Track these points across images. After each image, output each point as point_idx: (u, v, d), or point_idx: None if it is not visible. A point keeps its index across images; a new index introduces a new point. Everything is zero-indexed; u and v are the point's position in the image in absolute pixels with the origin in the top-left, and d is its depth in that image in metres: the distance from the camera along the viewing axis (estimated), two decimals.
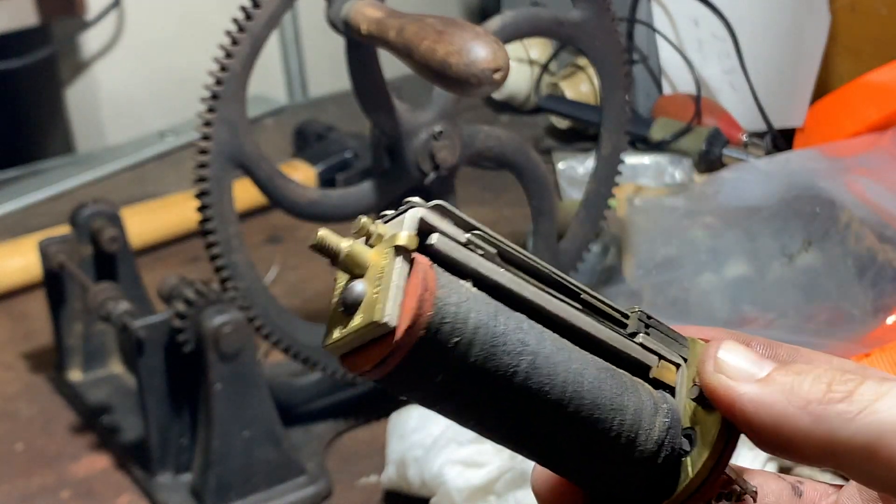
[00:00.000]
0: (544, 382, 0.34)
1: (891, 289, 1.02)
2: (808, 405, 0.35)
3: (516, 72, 1.69)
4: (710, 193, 1.18)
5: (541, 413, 0.35)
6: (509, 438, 0.36)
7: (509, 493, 0.82)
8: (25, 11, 1.66)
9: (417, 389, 0.34)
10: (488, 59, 0.77)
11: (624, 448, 0.36)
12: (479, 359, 0.33)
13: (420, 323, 0.32)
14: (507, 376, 0.34)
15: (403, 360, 0.33)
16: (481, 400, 0.34)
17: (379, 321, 0.32)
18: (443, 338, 0.33)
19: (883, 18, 1.44)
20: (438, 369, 0.33)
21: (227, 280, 0.91)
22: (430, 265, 0.33)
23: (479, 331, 0.33)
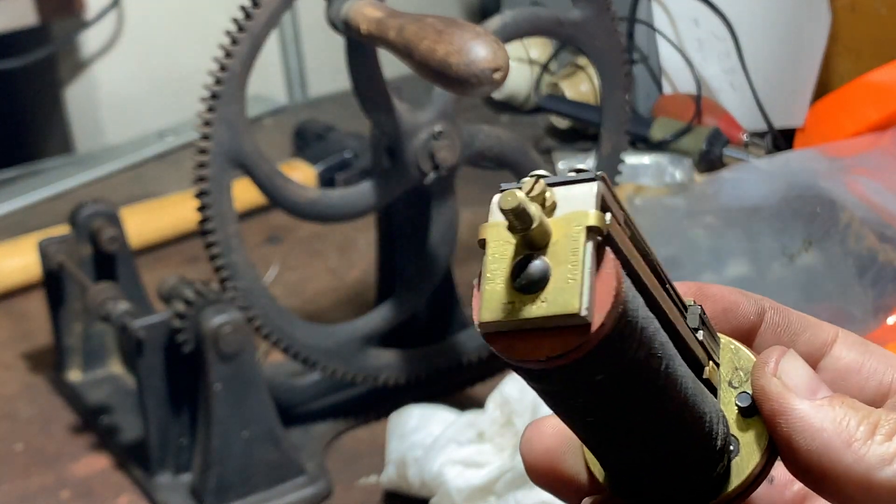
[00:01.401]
0: (667, 386, 0.32)
1: (891, 289, 1.02)
2: (855, 442, 0.34)
3: (516, 71, 1.69)
4: (710, 193, 1.18)
5: (656, 417, 0.33)
6: (611, 444, 0.34)
7: (509, 494, 0.82)
8: (25, 11, 1.65)
9: (569, 386, 0.31)
10: (488, 59, 0.77)
11: (698, 454, 0.35)
12: (640, 358, 0.31)
13: (610, 320, 0.29)
14: (652, 379, 0.32)
15: (582, 356, 0.30)
16: (618, 401, 0.32)
17: (579, 313, 0.29)
18: (624, 336, 0.30)
19: (883, 18, 1.44)
20: (605, 367, 0.30)
21: (226, 280, 0.91)
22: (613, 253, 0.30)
23: (645, 330, 0.31)
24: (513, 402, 0.89)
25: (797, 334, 0.39)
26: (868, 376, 0.38)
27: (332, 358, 0.97)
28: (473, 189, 1.49)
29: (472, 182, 1.50)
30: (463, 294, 1.11)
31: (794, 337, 0.39)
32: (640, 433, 0.34)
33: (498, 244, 0.30)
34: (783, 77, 1.49)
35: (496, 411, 0.89)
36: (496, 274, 0.30)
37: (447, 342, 1.05)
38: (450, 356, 1.05)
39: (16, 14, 1.65)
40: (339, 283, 1.31)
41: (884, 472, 0.33)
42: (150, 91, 1.84)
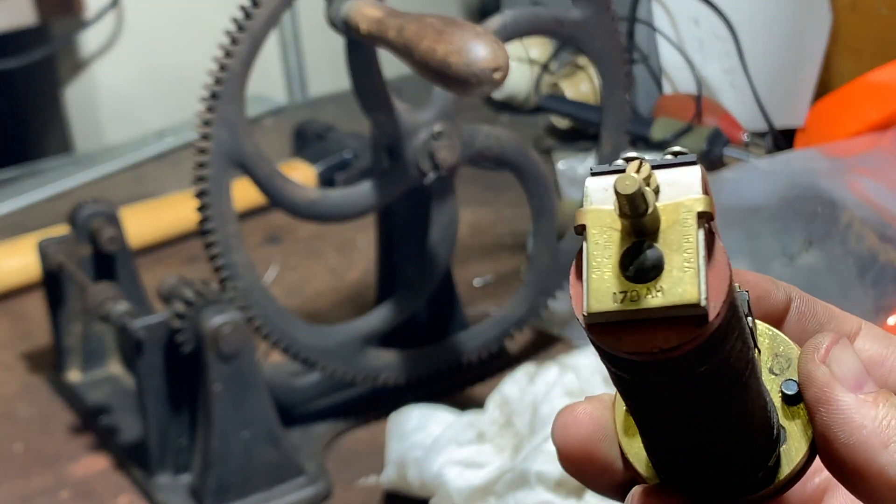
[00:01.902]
0: (755, 374, 0.32)
1: (892, 289, 1.02)
2: (891, 444, 0.33)
3: (516, 71, 1.69)
4: None
5: (741, 406, 0.32)
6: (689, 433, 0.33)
7: (509, 494, 0.82)
8: (24, 11, 1.65)
9: (671, 378, 0.30)
10: (488, 59, 0.77)
11: (759, 443, 0.34)
12: (738, 349, 0.30)
13: (724, 310, 0.29)
14: (744, 369, 0.31)
15: (695, 347, 0.29)
16: (713, 392, 0.31)
17: (697, 303, 0.28)
18: (731, 326, 0.30)
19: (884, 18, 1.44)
20: (711, 358, 0.30)
21: (226, 280, 0.91)
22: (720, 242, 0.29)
23: (742, 319, 0.30)
24: (513, 403, 0.89)
25: (822, 324, 0.38)
26: (891, 368, 0.37)
27: (331, 358, 0.97)
28: (473, 189, 1.50)
29: (472, 182, 1.50)
30: (463, 294, 1.11)
31: (819, 327, 0.38)
32: (718, 423, 0.33)
33: (601, 230, 0.29)
34: (784, 77, 1.49)
35: (496, 412, 0.89)
36: (603, 262, 0.29)
37: (447, 342, 1.05)
38: (450, 356, 1.05)
39: (15, 13, 1.65)
40: (338, 284, 1.31)
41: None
42: (150, 91, 1.84)
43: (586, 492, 0.82)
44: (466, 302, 1.14)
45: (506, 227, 1.41)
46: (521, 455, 0.83)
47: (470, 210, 1.42)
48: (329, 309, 1.26)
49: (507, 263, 1.31)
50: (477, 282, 1.27)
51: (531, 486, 0.81)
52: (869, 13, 1.45)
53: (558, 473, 0.80)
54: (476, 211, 1.45)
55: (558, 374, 0.88)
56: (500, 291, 1.24)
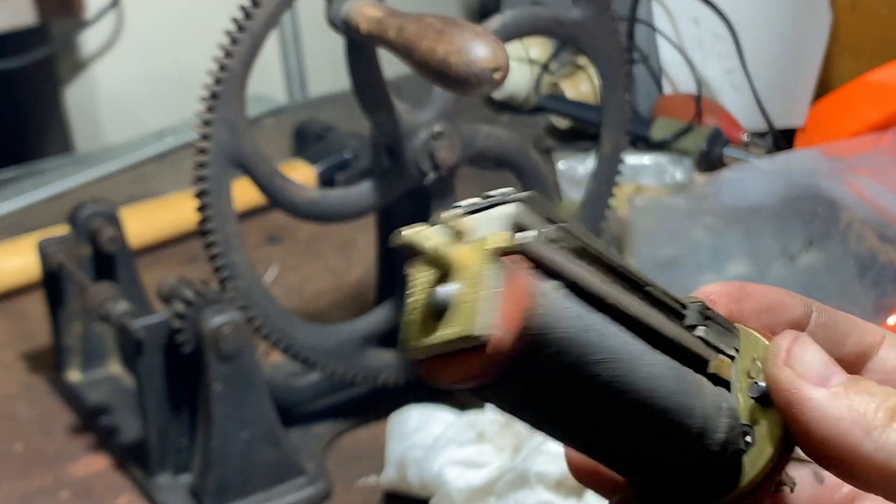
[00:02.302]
0: (626, 389, 0.33)
1: (892, 289, 1.02)
2: (874, 430, 0.34)
3: (516, 71, 1.69)
4: (710, 193, 1.18)
5: (620, 419, 0.34)
6: (586, 445, 0.35)
7: (509, 494, 0.82)
8: (24, 11, 1.65)
9: (503, 399, 0.33)
10: (488, 59, 0.77)
11: (694, 450, 0.35)
12: (568, 369, 0.32)
13: (517, 336, 0.30)
14: (593, 385, 0.32)
15: (495, 373, 0.31)
16: (564, 408, 0.33)
17: (474, 334, 0.30)
18: (537, 350, 0.31)
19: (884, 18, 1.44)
20: (529, 380, 0.32)
21: (226, 280, 0.91)
22: (526, 270, 0.31)
23: (571, 341, 0.32)
24: None
25: (846, 335, 0.39)
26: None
27: (331, 358, 0.97)
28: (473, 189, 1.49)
29: (472, 182, 1.49)
30: None
31: (843, 337, 0.39)
32: (612, 435, 0.34)
33: (420, 276, 0.33)
34: (784, 77, 1.49)
35: (496, 411, 0.89)
36: (415, 304, 0.32)
37: None
38: None
39: (15, 13, 1.65)
40: (338, 284, 1.31)
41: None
42: (150, 91, 1.84)
43: (586, 492, 0.82)
44: None
45: None
46: (521, 455, 0.83)
47: None
48: (329, 309, 1.26)
49: None
50: None
51: (531, 485, 0.81)
52: (869, 13, 1.45)
53: (558, 473, 0.80)
54: None
55: None
56: None
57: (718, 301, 0.39)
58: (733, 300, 0.39)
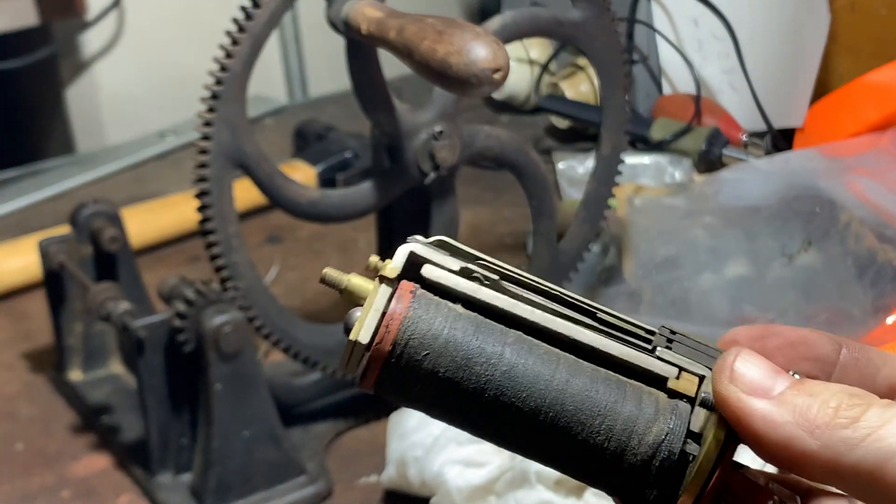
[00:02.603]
0: (519, 391, 0.38)
1: (890, 289, 1.02)
2: (816, 429, 0.36)
3: (516, 72, 1.69)
4: (709, 193, 1.18)
5: (521, 419, 0.38)
6: (499, 441, 0.39)
7: (509, 493, 0.83)
8: (26, 11, 1.66)
9: (403, 397, 0.39)
10: (488, 59, 0.77)
11: (613, 451, 0.38)
12: (449, 371, 0.38)
13: (387, 340, 0.37)
14: (481, 386, 0.38)
15: (380, 372, 0.38)
16: (462, 407, 0.38)
17: (355, 340, 0.37)
18: (411, 353, 0.37)
19: (883, 18, 1.44)
20: (413, 380, 0.38)
21: (227, 280, 0.91)
22: (412, 291, 0.38)
23: (449, 346, 0.37)
24: None
25: (877, 369, 0.41)
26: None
27: (332, 357, 0.97)
28: (473, 189, 1.50)
29: (472, 182, 1.50)
30: None
31: (875, 371, 0.41)
32: (523, 436, 0.39)
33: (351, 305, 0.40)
34: (782, 77, 1.49)
35: None
36: None
37: None
38: None
39: (17, 14, 1.65)
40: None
41: (850, 455, 0.35)
42: (151, 91, 1.84)
43: (586, 491, 0.82)
44: None
45: (506, 227, 1.42)
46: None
47: (470, 210, 1.42)
48: (330, 308, 1.26)
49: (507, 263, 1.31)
50: None
51: (531, 484, 0.81)
52: (868, 13, 1.46)
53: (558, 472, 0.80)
54: (476, 211, 1.45)
55: None
56: None
57: (742, 342, 0.41)
58: (756, 339, 0.41)
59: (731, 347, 0.39)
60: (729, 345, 0.41)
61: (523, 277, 0.40)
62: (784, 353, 0.41)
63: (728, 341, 0.41)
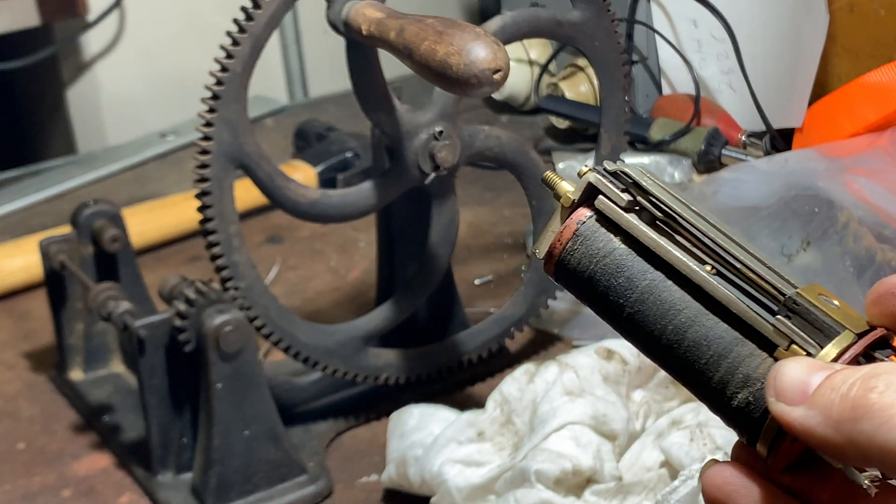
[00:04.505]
0: (645, 318, 0.45)
1: None
2: (839, 426, 0.38)
3: (516, 72, 1.70)
4: (709, 193, 1.18)
5: (647, 337, 0.45)
6: (637, 345, 0.46)
7: (509, 492, 0.83)
8: (27, 12, 1.66)
9: (571, 290, 0.48)
10: (488, 60, 0.77)
11: (713, 394, 0.44)
12: (600, 285, 0.46)
13: (554, 254, 0.47)
14: (620, 303, 0.45)
15: (554, 272, 0.48)
16: (608, 315, 0.46)
17: (535, 250, 0.48)
18: (572, 265, 0.47)
19: (881, 19, 1.44)
20: (576, 282, 0.47)
21: (227, 280, 0.91)
22: (581, 220, 0.47)
23: (596, 274, 0.46)
24: (512, 402, 0.89)
25: None
26: None
27: (332, 357, 0.98)
28: (473, 189, 1.50)
29: (472, 182, 1.50)
30: (463, 294, 1.12)
31: None
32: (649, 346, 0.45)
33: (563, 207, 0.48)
34: (781, 78, 1.50)
35: (496, 410, 0.90)
36: None
37: (447, 342, 1.05)
38: (450, 356, 1.05)
39: (18, 15, 1.65)
40: (339, 283, 1.32)
41: (872, 446, 0.37)
42: (152, 91, 1.85)
43: (586, 490, 0.82)
44: (466, 302, 1.14)
45: (506, 227, 1.42)
46: (520, 453, 0.84)
47: (470, 210, 1.43)
48: (330, 308, 1.26)
49: (507, 263, 1.32)
50: (477, 282, 1.27)
51: (531, 484, 0.81)
52: (866, 14, 1.46)
53: (558, 472, 0.81)
54: (476, 211, 1.46)
55: (558, 373, 0.89)
56: (500, 291, 1.24)
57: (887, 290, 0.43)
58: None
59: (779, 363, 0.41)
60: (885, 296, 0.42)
61: (690, 217, 0.46)
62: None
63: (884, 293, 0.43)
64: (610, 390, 0.87)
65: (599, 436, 0.84)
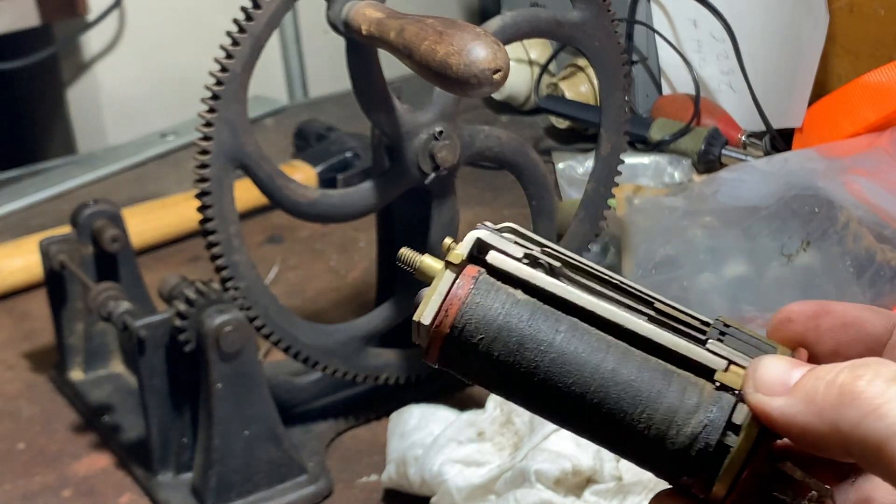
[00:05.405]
0: (566, 377, 0.40)
1: (889, 288, 1.02)
2: (822, 412, 0.37)
3: (516, 72, 1.70)
4: (708, 193, 1.18)
5: (568, 401, 0.40)
6: (551, 418, 0.42)
7: (509, 492, 0.83)
8: (27, 12, 1.66)
9: (462, 373, 0.42)
10: (488, 60, 0.77)
11: (653, 438, 0.40)
12: (502, 354, 0.40)
13: (445, 323, 0.40)
14: (531, 370, 0.40)
15: (440, 350, 0.41)
16: (514, 386, 0.41)
17: (417, 320, 0.41)
18: (467, 336, 0.40)
19: (881, 19, 1.44)
20: (470, 359, 0.41)
21: (227, 280, 0.91)
22: (474, 276, 0.41)
23: (503, 331, 0.40)
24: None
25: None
26: None
27: (332, 357, 0.98)
28: (473, 189, 1.50)
29: (472, 182, 1.50)
30: None
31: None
32: (572, 416, 0.41)
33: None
34: (781, 78, 1.50)
35: (496, 410, 0.90)
36: None
37: None
38: None
39: (18, 15, 1.65)
40: (339, 283, 1.32)
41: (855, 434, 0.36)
42: (152, 92, 1.85)
43: (585, 490, 0.82)
44: None
45: None
46: (520, 453, 0.84)
47: (470, 210, 1.43)
48: (330, 308, 1.26)
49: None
50: None
51: (531, 484, 0.81)
52: (866, 14, 1.46)
53: (558, 472, 0.81)
54: (476, 211, 1.46)
55: None
56: None
57: (797, 319, 0.42)
58: (811, 318, 0.42)
59: (758, 357, 0.40)
60: (783, 322, 0.42)
61: (587, 266, 0.42)
62: (834, 336, 0.41)
63: (783, 319, 0.42)
64: None
65: None
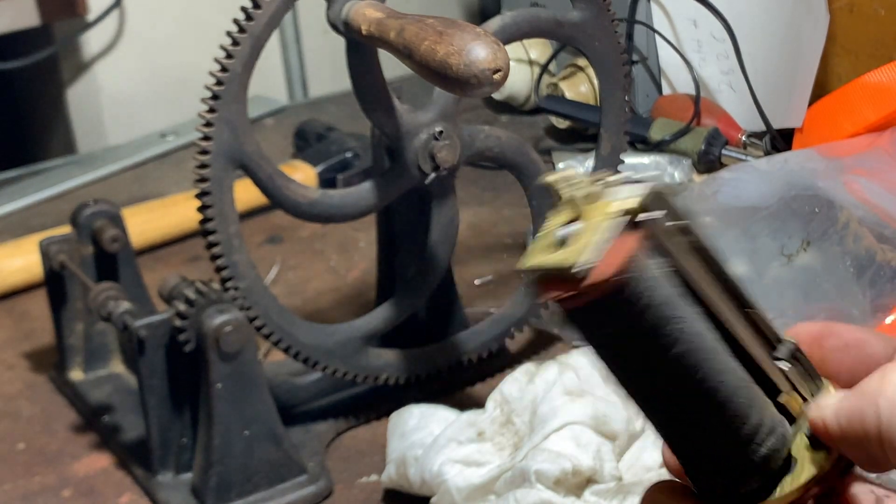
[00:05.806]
0: (689, 368, 0.38)
1: (889, 288, 1.02)
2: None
3: (516, 72, 1.70)
4: (708, 193, 1.18)
5: (678, 391, 0.39)
6: (646, 403, 0.40)
7: (509, 492, 0.83)
8: (27, 12, 1.66)
9: (589, 334, 0.38)
10: (488, 60, 0.77)
11: (736, 452, 0.40)
12: (648, 326, 0.37)
13: (612, 280, 0.36)
14: (663, 351, 0.38)
15: (587, 304, 0.36)
16: (636, 359, 0.38)
17: (570, 267, 0.35)
18: (628, 297, 0.36)
19: (881, 19, 1.44)
20: (613, 322, 0.37)
21: (227, 280, 0.91)
22: (638, 238, 0.36)
23: (661, 306, 0.37)
24: (512, 402, 0.89)
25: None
26: None
27: (332, 357, 0.98)
28: (473, 189, 1.50)
29: (472, 182, 1.50)
30: (463, 294, 1.12)
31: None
32: (668, 404, 0.39)
33: (553, 217, 0.38)
34: (781, 78, 1.50)
35: (496, 410, 0.90)
36: (541, 237, 0.38)
37: (447, 342, 1.05)
38: (450, 356, 1.05)
39: (18, 15, 1.65)
40: (339, 283, 1.32)
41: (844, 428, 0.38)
42: (152, 91, 1.85)
43: (586, 490, 0.82)
44: (466, 302, 1.14)
45: (506, 227, 1.42)
46: (520, 453, 0.84)
47: (470, 210, 1.43)
48: (330, 308, 1.26)
49: (507, 263, 1.32)
50: (477, 282, 1.27)
51: (531, 484, 0.81)
52: (866, 14, 1.46)
53: (558, 472, 0.81)
54: (476, 211, 1.46)
55: (558, 373, 0.89)
56: (500, 291, 1.24)
57: (802, 340, 0.43)
58: (816, 339, 0.43)
59: None
60: None
61: (709, 252, 0.40)
62: (837, 357, 0.42)
63: (790, 335, 0.43)
64: (610, 390, 0.87)
65: (599, 436, 0.84)
